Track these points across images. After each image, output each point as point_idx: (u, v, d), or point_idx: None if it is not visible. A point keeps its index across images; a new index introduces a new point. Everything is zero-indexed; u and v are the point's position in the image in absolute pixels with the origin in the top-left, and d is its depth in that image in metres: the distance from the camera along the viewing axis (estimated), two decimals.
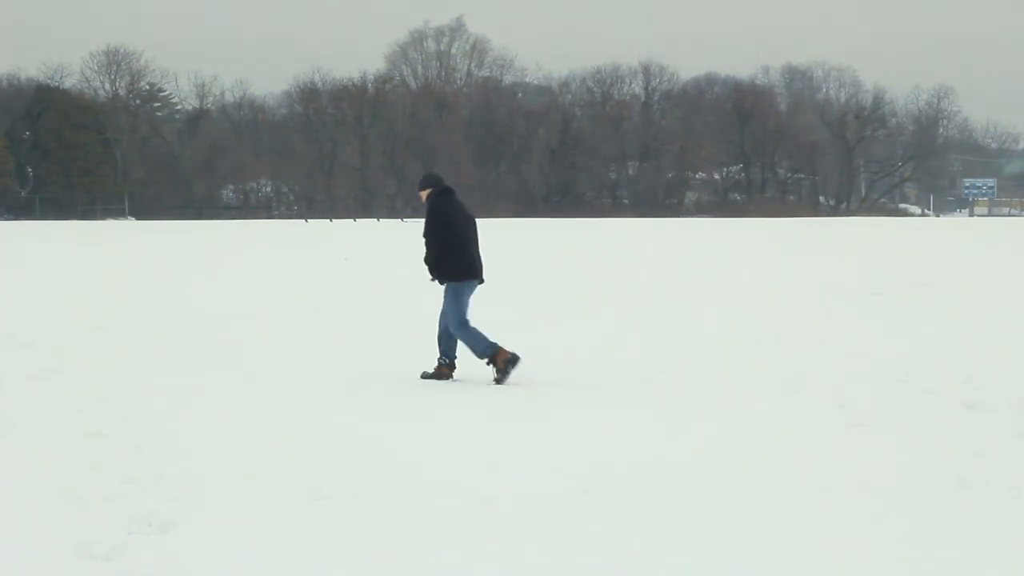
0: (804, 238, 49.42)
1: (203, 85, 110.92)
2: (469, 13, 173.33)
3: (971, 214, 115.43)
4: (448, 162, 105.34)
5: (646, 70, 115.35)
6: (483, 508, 6.15)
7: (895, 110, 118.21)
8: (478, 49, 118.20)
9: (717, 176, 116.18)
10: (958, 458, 7.32)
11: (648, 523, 5.89)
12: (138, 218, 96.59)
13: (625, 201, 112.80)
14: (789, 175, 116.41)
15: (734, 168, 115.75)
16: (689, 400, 9.49)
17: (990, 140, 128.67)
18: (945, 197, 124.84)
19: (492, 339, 10.67)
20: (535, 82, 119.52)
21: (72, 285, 22.88)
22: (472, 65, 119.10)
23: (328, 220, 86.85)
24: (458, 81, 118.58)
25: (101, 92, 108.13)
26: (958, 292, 20.50)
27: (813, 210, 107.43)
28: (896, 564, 5.29)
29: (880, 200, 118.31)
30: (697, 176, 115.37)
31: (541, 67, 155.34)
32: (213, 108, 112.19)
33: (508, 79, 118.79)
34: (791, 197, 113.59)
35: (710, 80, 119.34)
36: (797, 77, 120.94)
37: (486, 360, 10.60)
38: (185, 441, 7.89)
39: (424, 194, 11.09)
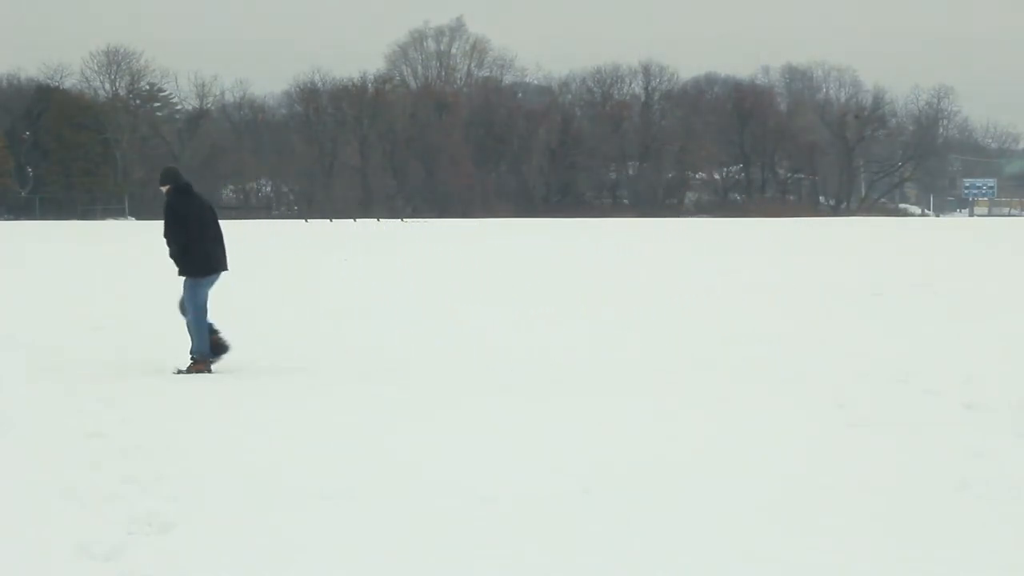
0: (804, 238, 49.43)
1: (203, 85, 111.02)
2: (469, 13, 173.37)
3: (971, 214, 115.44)
4: (448, 162, 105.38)
5: (646, 70, 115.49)
6: (483, 508, 6.15)
7: (895, 110, 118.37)
8: (478, 49, 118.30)
9: (717, 176, 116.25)
10: (958, 458, 7.32)
11: (648, 523, 5.88)
12: (138, 218, 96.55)
13: (625, 201, 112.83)
14: (789, 175, 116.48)
15: (734, 168, 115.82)
16: (689, 400, 9.49)
17: (990, 140, 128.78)
18: (945, 197, 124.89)
19: (210, 350, 11.20)
20: (535, 82, 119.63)
21: (72, 285, 22.88)
22: (472, 65, 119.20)
23: (328, 220, 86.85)
24: (458, 81, 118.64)
25: (101, 92, 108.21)
26: (958, 292, 20.50)
27: (813, 210, 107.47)
28: (896, 564, 5.28)
29: (880, 200, 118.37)
30: (697, 176, 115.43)
31: (541, 67, 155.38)
32: (213, 108, 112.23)
33: (508, 79, 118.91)
34: (791, 197, 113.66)
35: (710, 80, 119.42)
36: (797, 77, 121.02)
37: (192, 357, 11.15)
38: (185, 441, 7.89)
39: (164, 190, 11.41)
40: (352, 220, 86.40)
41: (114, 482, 6.70)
